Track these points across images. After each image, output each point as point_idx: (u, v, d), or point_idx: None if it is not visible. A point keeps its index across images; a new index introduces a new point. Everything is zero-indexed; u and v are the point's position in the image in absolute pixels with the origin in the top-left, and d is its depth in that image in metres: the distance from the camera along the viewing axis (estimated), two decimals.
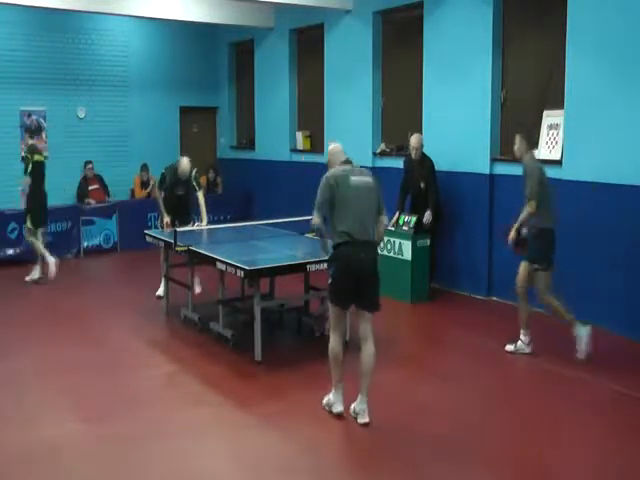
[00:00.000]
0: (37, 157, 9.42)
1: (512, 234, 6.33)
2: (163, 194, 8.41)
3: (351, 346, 5.75)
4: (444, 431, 4.95)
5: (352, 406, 5.04)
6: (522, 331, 6.43)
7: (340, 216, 4.93)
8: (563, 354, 6.42)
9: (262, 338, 6.16)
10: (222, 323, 6.77)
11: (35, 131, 11.89)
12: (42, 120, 11.87)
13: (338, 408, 5.03)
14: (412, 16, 9.30)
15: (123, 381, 5.88)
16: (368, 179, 5.11)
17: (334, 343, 5.03)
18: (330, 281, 5.00)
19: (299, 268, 6.35)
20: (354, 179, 5.01)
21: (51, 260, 9.10)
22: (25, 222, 9.32)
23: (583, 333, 6.13)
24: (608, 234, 6.97)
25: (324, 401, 5.15)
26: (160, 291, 8.31)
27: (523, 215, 6.26)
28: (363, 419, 4.95)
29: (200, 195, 8.42)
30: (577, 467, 4.43)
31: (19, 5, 9.66)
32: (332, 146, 5.40)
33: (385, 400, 5.34)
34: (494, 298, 8.35)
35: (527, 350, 6.37)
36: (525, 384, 5.81)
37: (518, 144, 6.40)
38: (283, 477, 4.37)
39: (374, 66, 9.89)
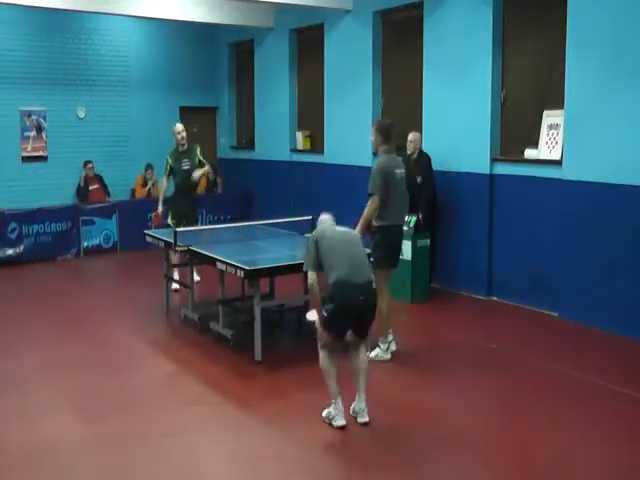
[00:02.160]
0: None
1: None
2: (169, 181, 8.75)
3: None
4: (444, 431, 4.95)
5: (352, 406, 5.03)
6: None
7: (332, 263, 4.93)
8: (563, 354, 6.43)
9: (262, 338, 6.16)
10: (222, 323, 6.77)
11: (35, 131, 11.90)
12: (42, 120, 11.86)
13: (340, 422, 4.89)
14: (412, 16, 9.30)
15: (123, 381, 5.88)
16: (354, 232, 5.40)
17: (321, 359, 4.92)
18: (325, 315, 4.86)
19: (299, 268, 6.33)
20: (339, 229, 5.22)
21: None
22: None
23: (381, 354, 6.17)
24: (608, 234, 6.97)
25: (324, 414, 5.01)
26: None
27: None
28: (363, 418, 4.95)
29: (202, 169, 8.79)
30: (577, 467, 4.43)
31: (19, 5, 9.66)
32: (323, 216, 5.45)
33: (385, 400, 5.34)
34: (494, 298, 8.35)
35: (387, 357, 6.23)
36: (525, 384, 5.81)
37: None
38: (283, 477, 4.37)
39: (374, 66, 9.90)
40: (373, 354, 6.11)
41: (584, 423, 5.05)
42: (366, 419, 4.94)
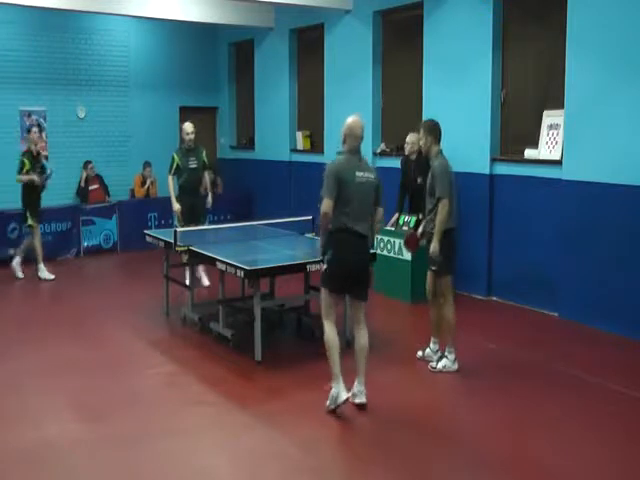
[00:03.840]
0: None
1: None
2: (175, 178, 8.73)
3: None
4: (444, 430, 4.95)
5: (352, 391, 5.12)
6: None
7: (340, 208, 5.02)
8: (562, 354, 6.43)
9: (262, 338, 6.16)
10: (222, 323, 6.77)
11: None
12: (42, 120, 11.86)
13: (343, 397, 4.98)
14: (412, 16, 9.30)
15: (123, 381, 5.88)
16: (371, 175, 5.18)
17: (329, 331, 5.08)
18: (326, 267, 5.09)
19: (299, 268, 6.36)
20: (359, 175, 5.09)
21: None
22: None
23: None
24: (608, 234, 6.97)
25: (327, 403, 5.06)
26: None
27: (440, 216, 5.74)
28: (360, 399, 5.06)
29: (206, 174, 8.98)
30: (577, 467, 4.43)
31: (19, 5, 9.65)
32: (352, 120, 5.22)
33: (385, 400, 5.34)
34: (494, 298, 8.35)
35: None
36: (525, 384, 5.80)
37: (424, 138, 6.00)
38: (283, 477, 4.38)
39: (374, 66, 9.90)
40: (440, 365, 5.94)
41: (584, 423, 5.04)
42: (364, 400, 5.04)
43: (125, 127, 12.74)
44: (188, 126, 8.77)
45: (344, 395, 5.00)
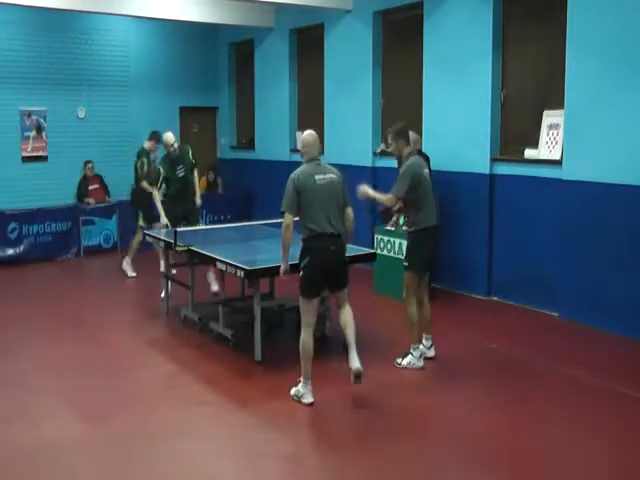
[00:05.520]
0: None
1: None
2: (164, 189, 8.46)
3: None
4: (443, 430, 4.95)
5: (349, 366, 5.23)
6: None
7: (307, 214, 5.20)
8: (563, 354, 6.43)
9: (262, 338, 6.16)
10: (222, 323, 6.77)
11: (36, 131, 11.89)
12: (42, 120, 11.86)
13: (309, 399, 5.20)
14: (412, 16, 9.30)
15: (123, 381, 5.88)
16: (332, 175, 5.35)
17: (307, 338, 5.24)
18: (302, 274, 5.23)
19: (299, 268, 6.35)
20: (319, 177, 5.27)
21: None
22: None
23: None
24: (608, 234, 6.97)
25: (292, 392, 5.32)
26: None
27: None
28: (355, 364, 5.15)
29: (195, 172, 8.69)
30: (577, 467, 4.43)
31: (19, 5, 9.65)
32: (306, 134, 5.43)
33: (385, 400, 5.35)
34: (494, 298, 8.35)
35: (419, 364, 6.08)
36: (525, 384, 5.80)
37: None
38: (283, 477, 4.38)
39: (374, 66, 9.90)
40: (405, 361, 6.03)
41: (584, 423, 5.04)
42: (357, 365, 5.13)
43: (125, 127, 12.72)
44: (170, 137, 8.44)
45: (309, 399, 5.20)
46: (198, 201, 8.64)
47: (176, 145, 8.46)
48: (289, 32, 11.72)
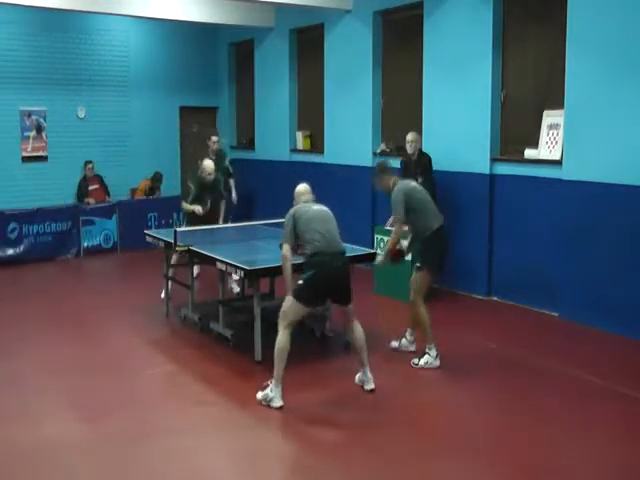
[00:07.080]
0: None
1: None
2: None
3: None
4: (444, 430, 4.95)
5: (357, 376, 5.47)
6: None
7: (308, 235, 5.29)
8: (563, 354, 6.43)
9: (262, 338, 6.16)
10: (222, 323, 6.77)
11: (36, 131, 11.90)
12: (42, 120, 11.86)
13: (278, 403, 5.15)
14: (412, 16, 9.30)
15: (123, 381, 5.88)
16: (327, 209, 5.58)
17: (284, 338, 5.19)
18: (301, 282, 5.23)
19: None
20: (314, 207, 5.53)
21: None
22: None
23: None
24: (608, 234, 6.97)
25: (260, 396, 5.24)
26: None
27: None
28: (370, 386, 5.38)
29: (231, 181, 9.17)
30: (577, 467, 4.42)
31: (19, 5, 9.65)
32: (300, 187, 5.78)
33: (385, 399, 5.35)
34: (494, 298, 8.35)
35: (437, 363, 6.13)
36: (525, 384, 5.80)
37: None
38: (283, 477, 4.38)
39: (374, 66, 9.90)
40: (422, 361, 6.07)
41: (584, 423, 5.04)
42: (372, 386, 5.37)
43: (125, 127, 12.73)
44: (209, 166, 8.22)
45: (279, 402, 5.15)
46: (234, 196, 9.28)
47: (213, 175, 8.30)
48: (289, 32, 11.72)
